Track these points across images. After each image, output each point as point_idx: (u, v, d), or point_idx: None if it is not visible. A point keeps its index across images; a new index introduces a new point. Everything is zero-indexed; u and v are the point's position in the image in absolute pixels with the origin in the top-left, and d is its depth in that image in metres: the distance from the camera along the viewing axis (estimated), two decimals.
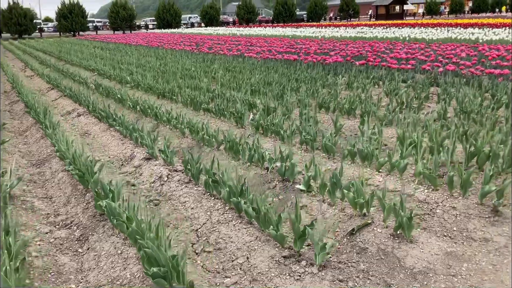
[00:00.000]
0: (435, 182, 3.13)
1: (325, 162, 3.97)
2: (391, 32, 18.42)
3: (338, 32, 21.49)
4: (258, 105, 6.10)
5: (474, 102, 5.53)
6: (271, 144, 4.70)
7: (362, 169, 3.68)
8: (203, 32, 30.00)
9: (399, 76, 7.99)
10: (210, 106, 6.08)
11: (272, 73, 9.26)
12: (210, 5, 46.31)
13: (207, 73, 9.91)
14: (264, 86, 7.62)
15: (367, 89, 7.13)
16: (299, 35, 21.43)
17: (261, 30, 27.51)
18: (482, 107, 5.26)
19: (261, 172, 3.77)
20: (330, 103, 5.95)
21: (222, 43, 18.90)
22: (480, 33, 14.82)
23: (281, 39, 19.59)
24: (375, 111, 5.29)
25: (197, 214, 3.05)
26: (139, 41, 22.98)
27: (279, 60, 11.16)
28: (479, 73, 6.89)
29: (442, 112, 5.10)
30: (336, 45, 14.36)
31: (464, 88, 6.39)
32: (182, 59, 13.51)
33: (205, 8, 46.23)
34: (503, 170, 3.34)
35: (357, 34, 19.09)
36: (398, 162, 3.38)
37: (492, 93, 5.93)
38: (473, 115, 4.83)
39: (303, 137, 4.30)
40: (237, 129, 5.37)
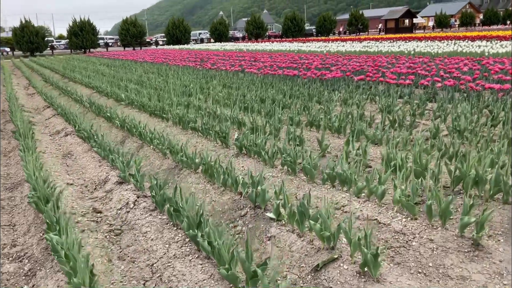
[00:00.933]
0: (413, 211, 2.89)
1: (303, 186, 3.75)
2: (397, 46, 18.19)
3: (344, 46, 21.33)
4: (247, 124, 5.91)
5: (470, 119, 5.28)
6: (252, 166, 4.50)
7: (340, 194, 3.46)
8: (211, 48, 30.09)
9: (396, 92, 7.76)
10: (197, 125, 5.91)
11: (269, 89, 9.09)
12: (219, 21, 46.63)
13: (204, 90, 9.78)
14: (258, 103, 7.44)
15: (362, 106, 6.91)
16: (305, 50, 21.31)
17: (268, 46, 27.48)
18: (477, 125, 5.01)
19: (234, 197, 3.56)
20: (320, 121, 5.74)
21: (226, 58, 18.85)
22: (486, 46, 14.51)
23: (286, 54, 19.49)
24: (364, 129, 5.06)
25: (156, 246, 2.85)
26: (145, 57, 23.08)
27: (279, 76, 11.00)
28: (479, 89, 6.63)
29: (434, 130, 4.85)
30: (339, 60, 14.17)
31: (462, 105, 6.13)
32: (183, 75, 13.44)
33: (215, 24, 46.55)
34: (491, 196, 3.08)
35: (363, 48, 18.90)
36: (376, 188, 3.15)
37: (490, 110, 5.67)
38: (466, 134, 4.58)
39: (283, 159, 4.08)
40: (222, 149, 5.18)
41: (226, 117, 6.44)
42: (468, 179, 3.14)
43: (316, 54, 18.27)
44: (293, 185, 3.83)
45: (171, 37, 43.87)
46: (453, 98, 6.64)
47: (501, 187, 2.99)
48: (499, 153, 3.75)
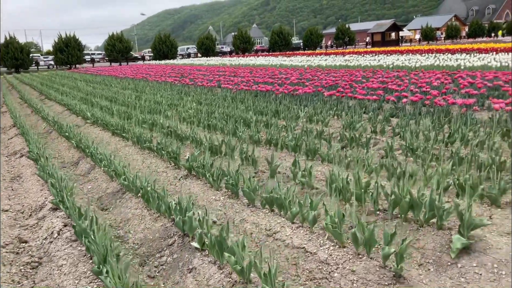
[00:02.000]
0: (341, 238, 2.74)
1: (242, 211, 3.59)
2: (377, 60, 18.24)
3: (326, 60, 21.37)
4: (204, 143, 5.76)
5: (427, 136, 5.18)
6: (199, 188, 4.35)
7: (277, 219, 3.31)
8: (195, 63, 30.07)
9: (365, 107, 7.68)
10: (152, 145, 5.75)
11: (239, 105, 8.98)
12: (206, 36, 46.77)
13: (176, 106, 9.66)
14: (222, 121, 7.32)
15: (326, 123, 6.81)
16: (287, 64, 21.32)
17: (253, 60, 27.49)
18: (434, 142, 4.91)
19: (167, 224, 3.40)
20: (278, 139, 5.61)
21: (207, 74, 18.79)
22: (464, 59, 14.57)
23: (267, 69, 19.46)
24: (318, 148, 4.94)
25: (67, 282, 2.67)
26: (128, 73, 22.95)
27: (253, 92, 10.90)
28: (443, 104, 6.55)
29: (388, 148, 4.74)
30: (317, 74, 14.14)
31: (424, 121, 6.05)
32: (159, 91, 13.32)
33: (201, 39, 46.66)
34: (426, 221, 2.95)
35: (344, 62, 18.93)
36: (307, 213, 3.01)
37: (450, 127, 5.57)
38: (419, 152, 4.47)
39: (226, 182, 3.94)
40: (173, 170, 5.03)
41: (186, 136, 6.30)
42: (403, 203, 3.02)
43: (296, 69, 18.25)
44: (233, 209, 3.68)
45: (157, 52, 43.85)
46: (415, 114, 6.55)
47: (435, 212, 2.86)
48: (445, 174, 3.63)
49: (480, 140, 4.70)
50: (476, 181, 3.37)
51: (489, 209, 3.19)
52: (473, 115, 6.25)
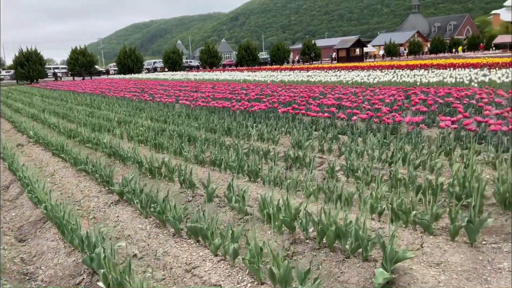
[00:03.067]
0: (259, 274, 2.53)
1: (167, 241, 3.34)
2: (338, 76, 18.38)
3: (290, 76, 21.42)
4: (145, 164, 5.48)
5: (371, 156, 5.08)
6: (128, 215, 4.07)
7: (201, 250, 3.07)
8: (160, 78, 29.67)
9: (317, 125, 7.58)
10: (88, 167, 5.43)
11: (193, 122, 8.74)
12: (172, 50, 46.40)
13: (128, 124, 9.33)
14: (172, 139, 7.06)
15: (276, 141, 6.65)
16: (250, 79, 21.25)
17: (218, 75, 27.34)
18: (378, 162, 4.80)
19: (78, 260, 3.11)
20: (222, 160, 5.39)
21: (169, 89, 18.47)
22: (421, 75, 14.81)
23: (230, 84, 19.32)
24: (260, 169, 4.75)
25: None
26: (87, 88, 22.36)
27: (210, 108, 10.68)
28: (390, 122, 6.51)
29: (330, 169, 4.59)
30: (277, 90, 14.07)
31: (372, 139, 5.96)
32: (114, 107, 12.95)
33: (168, 53, 46.27)
34: (352, 251, 2.78)
35: (305, 78, 18.99)
36: (228, 246, 2.79)
37: (395, 145, 5.49)
38: (358, 174, 4.33)
39: (153, 210, 3.68)
40: (105, 195, 4.73)
41: (128, 156, 6.00)
42: (330, 232, 2.84)
43: (259, 84, 18.18)
44: (157, 240, 3.43)
45: (122, 67, 43.16)
46: (362, 132, 6.48)
47: (360, 242, 2.69)
48: (379, 198, 3.49)
49: (421, 160, 4.61)
50: (408, 206, 3.24)
51: (421, 236, 3.05)
52: (421, 133, 6.22)
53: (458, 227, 2.86)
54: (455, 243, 2.89)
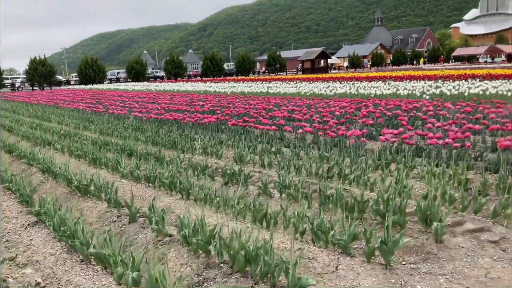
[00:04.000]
0: None
1: (73, 268, 3.10)
2: (297, 87, 18.45)
3: (250, 87, 21.36)
4: (74, 182, 5.20)
5: (308, 171, 4.98)
6: (42, 239, 3.80)
7: (105, 279, 2.85)
8: (121, 88, 29.11)
9: (257, 139, 7.47)
10: (11, 185, 5.10)
11: (140, 135, 8.47)
12: (135, 60, 45.72)
13: (73, 137, 8.97)
14: (113, 152, 6.79)
15: (220, 155, 6.48)
16: (211, 90, 21.08)
17: (180, 86, 27.04)
18: (316, 177, 4.70)
19: None
20: (157, 176, 5.17)
21: (126, 100, 18.07)
22: (378, 88, 15.01)
23: (190, 95, 19.09)
24: (191, 186, 4.56)
25: None
26: (42, 99, 21.64)
27: (162, 120, 10.43)
28: (334, 135, 6.46)
29: (263, 186, 4.46)
30: (234, 101, 13.96)
31: (314, 153, 5.88)
32: (65, 119, 12.51)
33: (131, 63, 45.55)
34: (261, 277, 2.62)
35: (264, 89, 18.97)
36: (127, 276, 2.58)
37: (331, 160, 5.41)
38: (291, 191, 4.21)
39: (61, 234, 3.43)
40: (25, 216, 4.43)
41: (59, 173, 5.70)
42: (240, 257, 2.68)
43: (218, 95, 18.03)
44: (64, 266, 3.18)
45: (83, 77, 42.16)
46: (305, 146, 6.40)
47: (267, 268, 2.54)
48: (301, 217, 3.36)
49: (355, 176, 4.54)
50: (328, 225, 3.12)
51: (338, 258, 2.93)
52: (363, 147, 6.19)
53: (372, 248, 2.75)
54: (370, 265, 2.79)
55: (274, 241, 3.36)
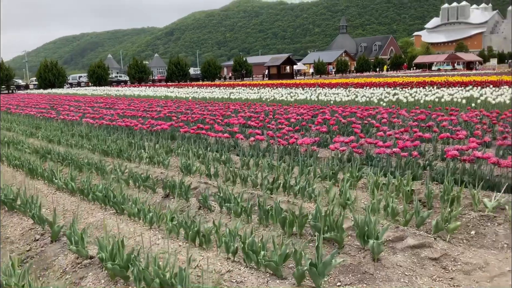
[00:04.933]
0: None
1: None
2: (260, 93, 18.29)
3: (213, 93, 21.07)
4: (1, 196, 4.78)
5: (254, 182, 4.75)
6: None
7: None
8: (80, 93, 28.22)
9: (208, 147, 7.21)
10: None
11: (87, 143, 8.06)
12: (97, 64, 44.56)
13: (16, 145, 8.47)
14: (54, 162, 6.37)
15: (166, 164, 6.17)
16: (172, 96, 20.66)
17: (142, 91, 26.41)
18: (262, 188, 4.47)
19: None
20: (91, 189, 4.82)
21: (82, 105, 17.43)
22: (337, 94, 15.01)
23: (150, 100, 18.62)
24: (124, 201, 4.24)
25: None
26: None
27: (114, 127, 10.00)
28: (285, 143, 6.27)
29: (203, 199, 4.19)
30: (193, 107, 13.66)
31: (263, 161, 5.66)
32: (13, 125, 11.90)
33: (93, 67, 44.37)
34: None
35: (227, 95, 18.73)
36: None
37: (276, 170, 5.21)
38: (230, 205, 3.96)
39: None
40: None
41: None
42: (154, 284, 2.40)
43: (179, 101, 17.66)
44: None
45: (43, 81, 40.74)
46: (254, 155, 6.18)
47: None
48: (235, 235, 3.12)
49: (300, 187, 4.34)
50: (260, 244, 2.89)
51: (268, 281, 2.70)
52: (315, 155, 6.03)
53: (301, 270, 2.54)
54: None
55: (206, 261, 3.11)
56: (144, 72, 46.88)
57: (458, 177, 4.45)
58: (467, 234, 3.48)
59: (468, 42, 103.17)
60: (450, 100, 10.91)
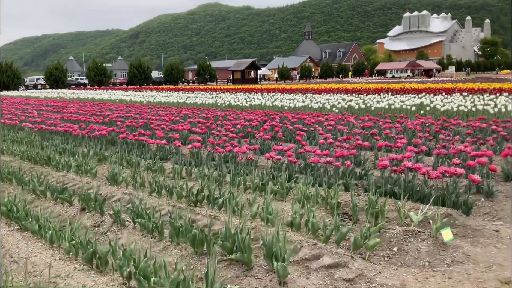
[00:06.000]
0: None
1: None
2: (216, 98, 17.98)
3: (171, 97, 20.61)
4: None
5: (179, 194, 4.43)
6: None
7: None
8: (32, 96, 27.12)
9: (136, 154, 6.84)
10: None
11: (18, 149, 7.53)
12: (55, 66, 43.11)
13: None
14: None
15: (94, 173, 5.76)
16: (126, 99, 20.07)
17: (98, 94, 25.61)
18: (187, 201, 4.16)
19: None
20: None
21: (30, 108, 16.61)
22: (293, 100, 14.88)
23: (103, 104, 17.98)
24: (26, 216, 3.84)
25: None
26: None
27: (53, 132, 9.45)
28: (222, 151, 5.98)
29: (116, 214, 3.84)
30: (143, 112, 13.21)
31: (195, 171, 5.36)
32: None
33: (50, 69, 42.88)
34: None
35: (183, 99, 18.33)
36: None
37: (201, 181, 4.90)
38: (142, 221, 3.63)
39: None
40: None
41: None
42: None
43: (132, 105, 17.13)
44: None
45: None
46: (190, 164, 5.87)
47: None
48: (129, 259, 2.79)
49: (224, 200, 4.05)
50: (152, 270, 2.57)
51: None
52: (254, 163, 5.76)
53: None
54: None
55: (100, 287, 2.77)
56: (104, 75, 45.71)
57: (390, 188, 4.28)
58: (389, 250, 3.28)
59: (429, 50, 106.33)
60: (400, 107, 10.92)
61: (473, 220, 3.78)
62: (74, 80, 61.54)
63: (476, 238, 3.47)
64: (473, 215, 3.96)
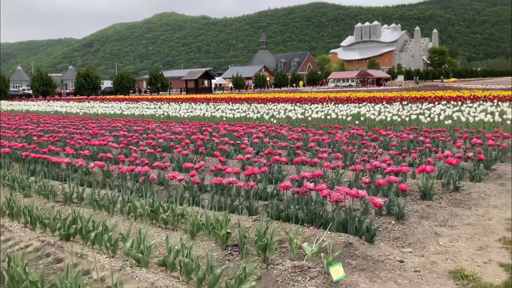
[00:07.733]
0: None
1: None
2: (157, 108, 17.25)
3: (111, 108, 19.64)
4: None
5: (51, 226, 3.78)
6: None
7: None
8: None
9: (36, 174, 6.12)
10: None
11: None
12: None
13: None
14: None
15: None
16: (62, 111, 18.97)
17: (36, 105, 24.18)
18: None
19: None
20: None
21: None
22: (235, 110, 14.40)
23: (33, 116, 16.83)
24: None
25: None
26: None
27: None
28: (125, 170, 5.36)
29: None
30: (74, 124, 12.36)
31: (87, 194, 4.71)
32: None
33: None
34: None
35: (121, 110, 17.47)
36: None
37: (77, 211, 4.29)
38: None
39: None
40: None
41: None
42: None
43: (67, 117, 16.13)
44: None
45: None
46: (91, 184, 5.20)
47: None
48: None
49: (96, 234, 3.44)
50: None
51: None
52: (151, 184, 5.18)
53: None
54: None
55: None
56: (49, 85, 43.66)
57: (293, 213, 3.81)
58: None
59: (380, 59, 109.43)
60: (336, 117, 10.64)
61: (377, 248, 3.36)
62: (21, 91, 58.76)
63: (376, 272, 3.04)
64: (381, 241, 3.55)
